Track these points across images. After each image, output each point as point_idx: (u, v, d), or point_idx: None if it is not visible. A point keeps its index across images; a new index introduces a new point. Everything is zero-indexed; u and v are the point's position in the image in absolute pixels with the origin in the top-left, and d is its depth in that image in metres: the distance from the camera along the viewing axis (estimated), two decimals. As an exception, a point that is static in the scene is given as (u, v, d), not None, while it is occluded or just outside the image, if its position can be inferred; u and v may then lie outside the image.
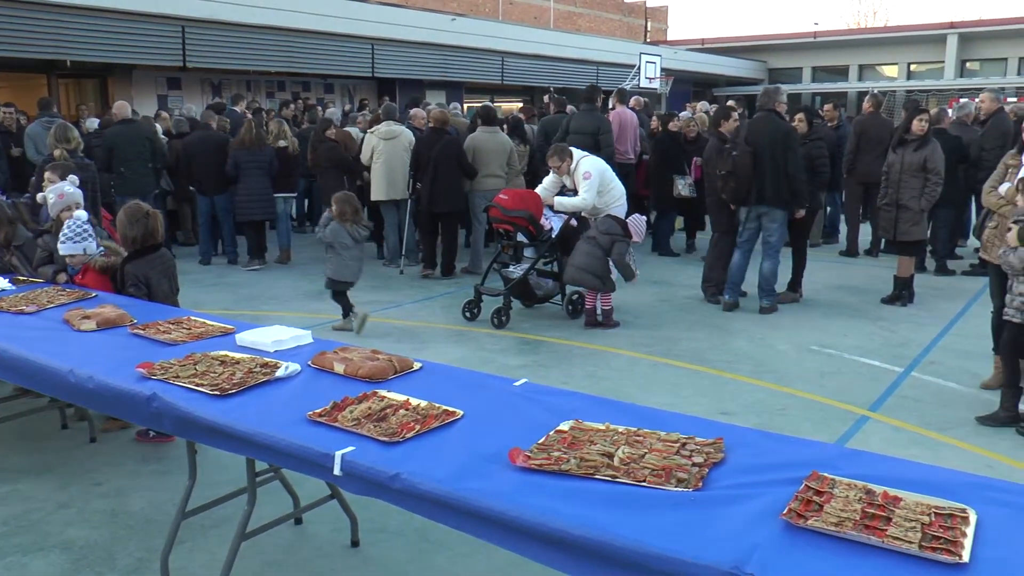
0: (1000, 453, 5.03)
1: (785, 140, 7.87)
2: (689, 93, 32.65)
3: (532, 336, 7.51)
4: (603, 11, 43.04)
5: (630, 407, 3.03)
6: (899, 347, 7.20)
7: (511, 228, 7.80)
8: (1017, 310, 5.19)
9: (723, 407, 5.73)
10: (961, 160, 9.80)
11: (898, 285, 8.72)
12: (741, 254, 8.38)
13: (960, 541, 2.00)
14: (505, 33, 25.63)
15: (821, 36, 39.38)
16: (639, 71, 23.76)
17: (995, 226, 5.83)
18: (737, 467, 2.45)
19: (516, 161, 10.13)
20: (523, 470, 2.44)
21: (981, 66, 36.13)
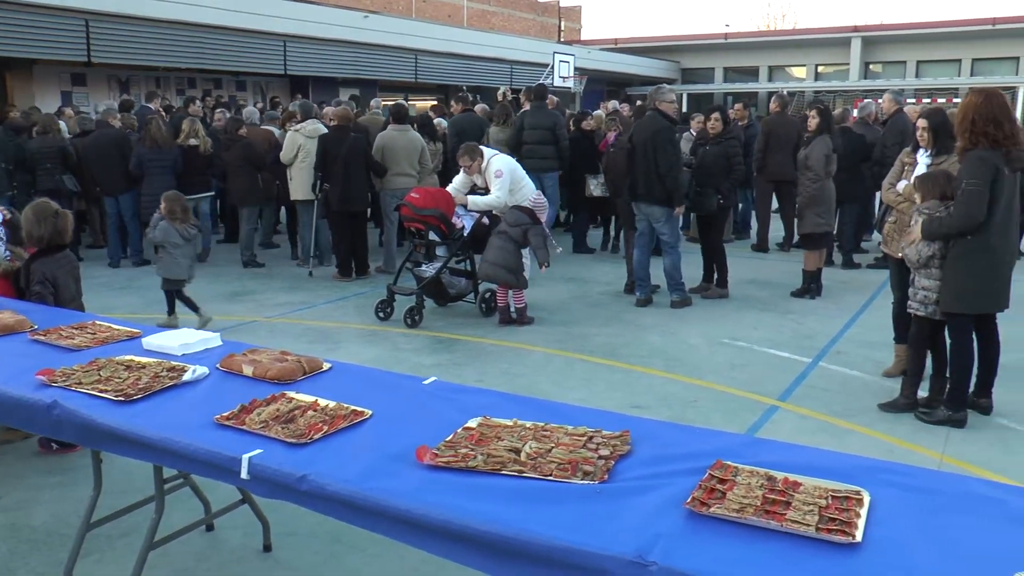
0: (900, 438, 5.24)
1: (656, 137, 8.02)
2: (603, 92, 33.02)
3: (446, 335, 7.52)
4: (517, 10, 43.26)
5: (538, 403, 3.07)
6: (807, 339, 7.42)
7: (423, 227, 7.79)
8: (920, 303, 5.41)
9: (636, 401, 5.83)
10: (864, 158, 10.16)
11: (806, 279, 8.99)
12: (639, 250, 8.56)
13: (854, 522, 2.09)
14: (418, 31, 25.55)
15: (732, 37, 40.33)
16: (553, 70, 23.95)
17: (894, 221, 6.06)
18: (643, 459, 2.50)
19: (428, 159, 10.11)
20: (430, 468, 2.45)
21: (883, 68, 37.55)
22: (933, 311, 5.34)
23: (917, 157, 5.98)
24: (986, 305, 5.27)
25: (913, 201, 5.65)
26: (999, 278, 5.21)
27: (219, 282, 9.67)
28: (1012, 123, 5.04)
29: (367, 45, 23.30)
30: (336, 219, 9.71)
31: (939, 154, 5.77)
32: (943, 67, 36.19)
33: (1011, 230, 5.22)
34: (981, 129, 4.98)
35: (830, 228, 9.02)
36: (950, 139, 5.67)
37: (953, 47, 35.72)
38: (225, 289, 9.29)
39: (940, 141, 5.78)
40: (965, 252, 5.10)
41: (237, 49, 19.65)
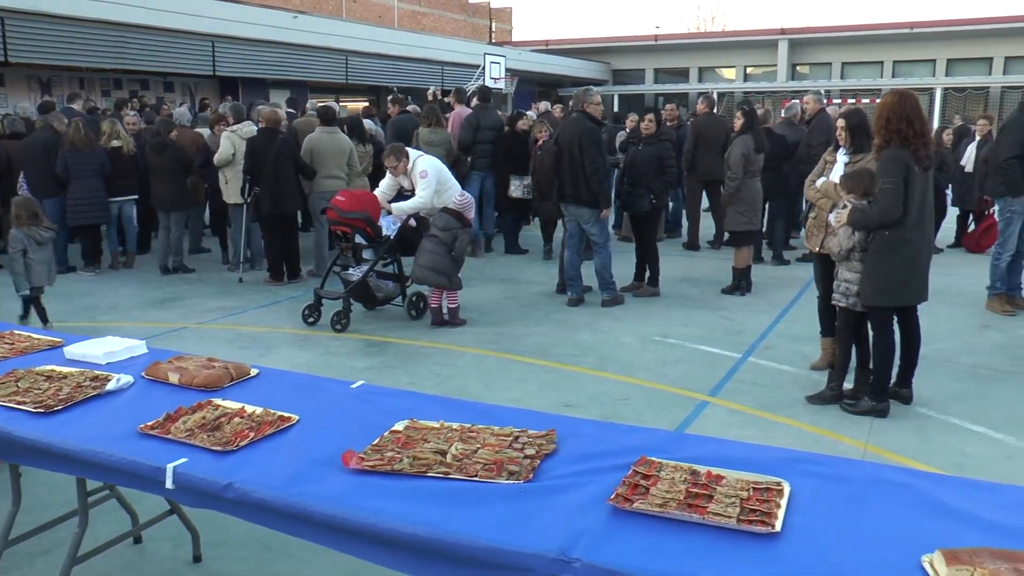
0: (826, 428, 5.38)
1: (582, 139, 8.11)
2: (534, 93, 33.16)
3: (378, 337, 7.49)
4: (447, 11, 43.16)
5: (465, 404, 3.09)
6: (737, 334, 7.57)
7: (349, 230, 7.74)
8: (843, 295, 5.57)
9: (567, 400, 5.87)
10: (786, 157, 10.39)
11: (736, 276, 9.16)
12: (569, 251, 8.64)
13: (774, 512, 2.16)
14: (349, 32, 25.33)
15: (662, 39, 40.81)
16: (484, 71, 23.97)
17: (815, 217, 6.23)
18: (569, 457, 2.53)
19: (356, 162, 10.04)
20: (356, 472, 2.45)
21: (810, 69, 38.44)
22: (855, 302, 5.51)
23: (837, 156, 6.16)
24: (905, 298, 5.45)
25: (831, 197, 5.83)
26: (916, 272, 5.39)
27: (147, 288, 9.48)
28: (923, 123, 5.26)
29: (297, 46, 23.03)
30: (267, 222, 9.58)
31: (857, 152, 5.95)
32: (866, 68, 37.21)
33: (926, 225, 5.41)
34: (895, 127, 5.18)
35: (754, 226, 9.20)
36: (867, 138, 5.87)
37: (875, 49, 36.76)
38: (153, 295, 9.11)
39: (857, 140, 5.96)
40: (883, 247, 5.27)
41: (164, 49, 19.22)
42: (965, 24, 34.89)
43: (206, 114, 13.36)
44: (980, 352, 7.08)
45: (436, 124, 11.05)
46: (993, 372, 6.57)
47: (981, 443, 5.21)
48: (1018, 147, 7.96)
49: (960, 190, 12.03)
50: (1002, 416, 5.61)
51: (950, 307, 8.49)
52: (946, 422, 5.52)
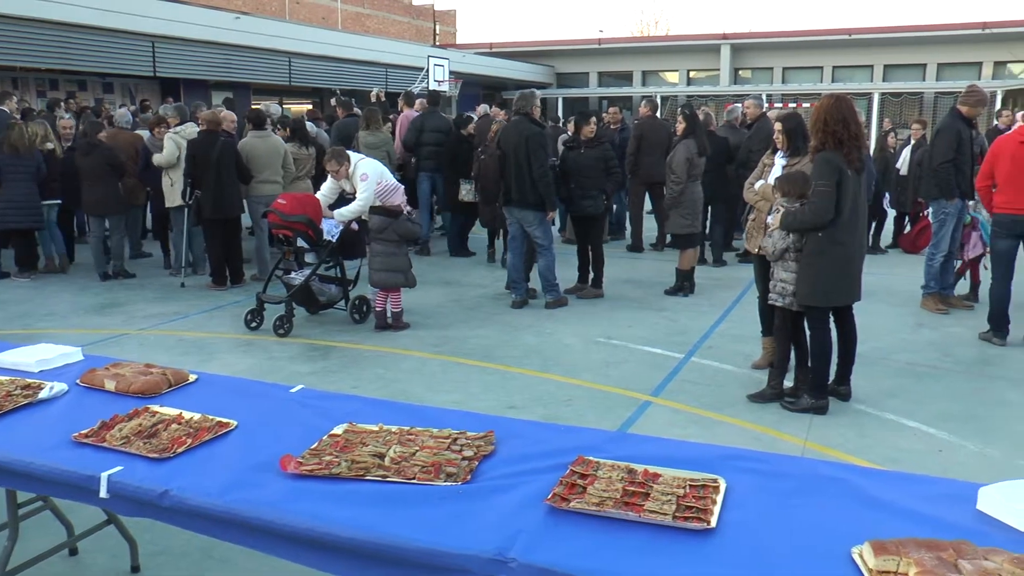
0: (766, 426, 5.47)
1: (528, 143, 8.16)
2: (479, 96, 33.20)
3: (321, 342, 7.43)
4: (392, 13, 43.02)
5: (404, 407, 3.09)
6: (680, 335, 7.64)
7: (291, 233, 7.67)
8: (779, 294, 5.67)
9: (510, 401, 5.89)
10: (728, 160, 10.54)
11: (680, 277, 9.26)
12: (512, 253, 8.68)
13: (710, 509, 2.20)
14: (292, 33, 25.13)
15: (606, 43, 41.18)
16: (428, 74, 23.93)
17: (754, 219, 6.34)
18: (507, 458, 2.55)
19: (291, 164, 9.91)
20: (295, 477, 2.44)
21: (752, 74, 39.09)
22: (791, 302, 5.61)
23: (775, 159, 6.27)
24: (839, 298, 5.57)
25: (769, 200, 5.94)
26: (850, 272, 5.51)
27: (85, 294, 9.29)
28: (857, 125, 5.40)
29: (239, 47, 22.77)
30: (209, 226, 9.44)
31: (794, 155, 6.06)
32: (807, 73, 37.99)
33: (859, 226, 5.54)
34: (831, 128, 5.30)
35: (696, 229, 9.32)
36: (803, 141, 5.99)
37: (815, 55, 37.58)
38: (92, 301, 8.93)
39: (794, 143, 6.08)
40: (818, 248, 5.38)
41: (102, 49, 18.85)
42: (901, 31, 35.89)
43: (148, 115, 13.11)
44: (915, 350, 7.25)
45: (376, 126, 10.98)
46: (927, 369, 6.73)
47: (915, 438, 5.34)
48: (951, 151, 8.18)
49: (896, 193, 12.30)
50: (935, 411, 5.75)
51: (887, 306, 8.69)
52: (882, 418, 5.65)
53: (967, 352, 7.20)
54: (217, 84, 22.91)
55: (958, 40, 35.01)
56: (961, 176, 8.22)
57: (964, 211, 8.50)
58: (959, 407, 5.86)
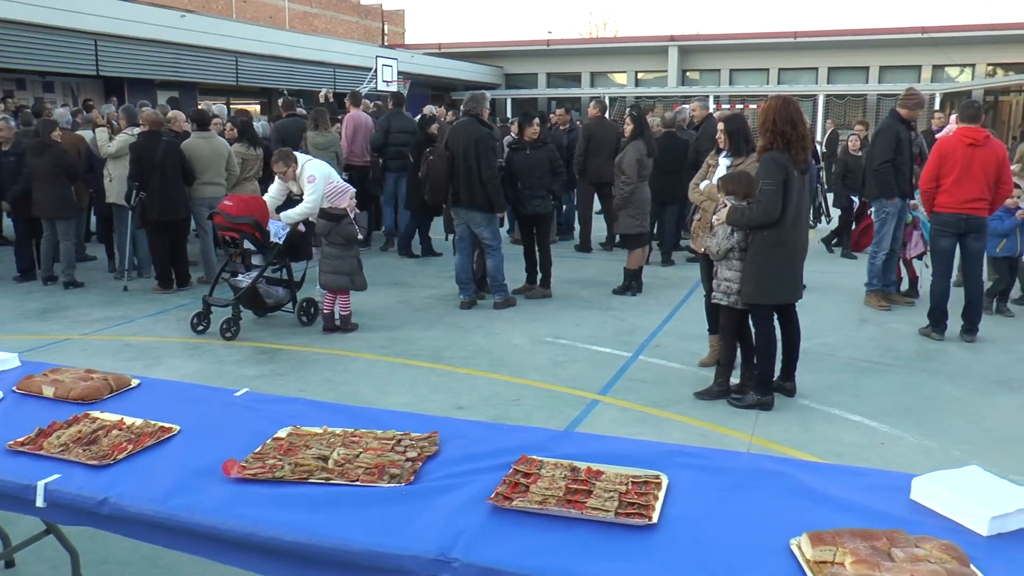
0: (713, 423, 5.54)
1: (477, 145, 8.18)
2: (427, 97, 33.14)
3: (269, 345, 7.36)
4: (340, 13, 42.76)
5: (348, 408, 3.08)
6: (628, 334, 7.70)
7: (237, 235, 7.58)
8: (723, 293, 5.75)
9: (459, 402, 5.89)
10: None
11: (628, 276, 9.33)
12: (460, 254, 8.68)
13: (652, 505, 2.22)
14: (239, 32, 24.85)
15: (555, 44, 41.37)
16: (376, 74, 23.81)
17: (699, 218, 6.42)
18: (451, 458, 2.55)
19: (235, 166, 9.77)
20: (237, 481, 2.42)
21: (700, 76, 39.55)
22: (735, 301, 5.69)
23: (719, 159, 6.36)
24: (783, 296, 5.66)
25: (713, 199, 6.02)
26: (793, 270, 5.62)
27: (27, 299, 9.08)
28: (804, 126, 5.50)
29: (185, 46, 22.44)
30: (154, 228, 9.28)
31: (736, 155, 6.15)
32: (753, 75, 38.57)
33: (802, 226, 5.64)
34: (780, 129, 5.39)
35: (645, 229, 9.40)
36: (745, 141, 6.10)
37: (761, 57, 38.18)
38: (33, 306, 8.73)
39: (736, 143, 6.17)
40: (762, 247, 5.47)
41: (43, 47, 18.43)
42: (845, 35, 36.66)
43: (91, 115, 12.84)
44: (858, 345, 7.39)
45: (324, 127, 10.90)
46: (870, 364, 6.87)
47: (858, 431, 5.45)
48: (890, 152, 8.38)
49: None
50: (877, 405, 5.88)
51: (831, 303, 8.84)
52: (826, 413, 5.75)
53: (908, 347, 7.36)
54: (163, 84, 22.55)
55: (898, 44, 35.87)
56: (900, 176, 8.41)
57: (905, 210, 8.69)
58: (900, 401, 6.00)
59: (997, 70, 35.54)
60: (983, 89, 34.02)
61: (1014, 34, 33.94)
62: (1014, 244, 8.22)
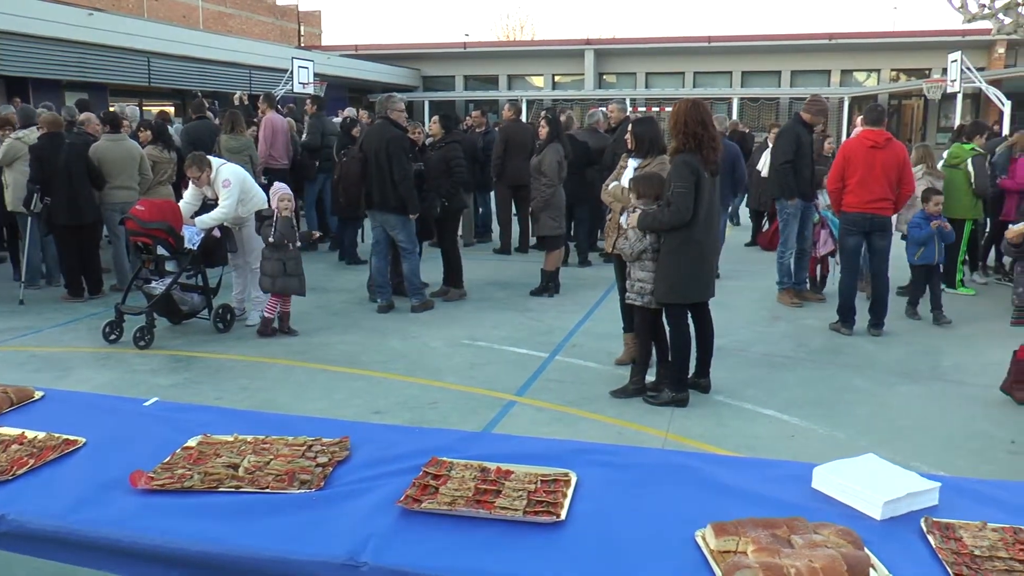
0: (629, 420, 5.62)
1: (388, 146, 8.16)
2: (345, 99, 32.86)
3: (185, 353, 7.21)
4: (255, 13, 42.12)
5: (260, 415, 3.06)
6: (545, 335, 7.75)
7: (150, 241, 7.41)
8: (637, 293, 5.84)
9: (376, 406, 5.86)
10: (589, 163, 10.74)
11: (545, 278, 9.39)
12: (376, 257, 8.64)
13: (560, 502, 2.26)
14: (150, 32, 24.24)
15: (472, 47, 41.43)
16: (292, 76, 23.52)
17: (611, 219, 6.51)
18: (362, 462, 2.55)
19: (148, 169, 9.54)
20: (145, 492, 2.37)
21: (617, 79, 40.04)
22: (649, 300, 5.79)
23: (629, 161, 6.46)
24: (696, 295, 5.78)
25: (622, 201, 6.11)
26: (705, 270, 5.75)
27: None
28: (714, 127, 5.64)
29: (93, 45, 21.79)
30: (62, 234, 8.98)
31: (646, 156, 6.26)
32: (669, 79, 39.24)
33: (714, 226, 5.77)
34: (691, 130, 5.51)
35: (562, 230, 9.49)
36: (654, 144, 6.21)
37: (676, 61, 38.89)
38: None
39: (645, 145, 6.28)
40: (675, 247, 5.58)
41: (-63, 45, 17.77)
42: (757, 40, 37.63)
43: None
44: (771, 341, 7.59)
45: (238, 130, 10.70)
46: (782, 359, 7.06)
47: (770, 425, 5.60)
48: (789, 153, 8.66)
49: (755, 192, 12.81)
50: (788, 399, 6.04)
51: (745, 301, 9.05)
52: (740, 407, 5.89)
53: (818, 342, 7.58)
54: (70, 84, 21.86)
55: (808, 49, 36.97)
56: (799, 177, 8.66)
57: (810, 211, 8.94)
58: (810, 394, 6.18)
59: (900, 75, 36.88)
60: (888, 93, 35.31)
61: (915, 41, 35.32)
62: (932, 252, 8.25)
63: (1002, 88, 25.62)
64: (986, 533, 2.16)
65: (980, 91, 25.36)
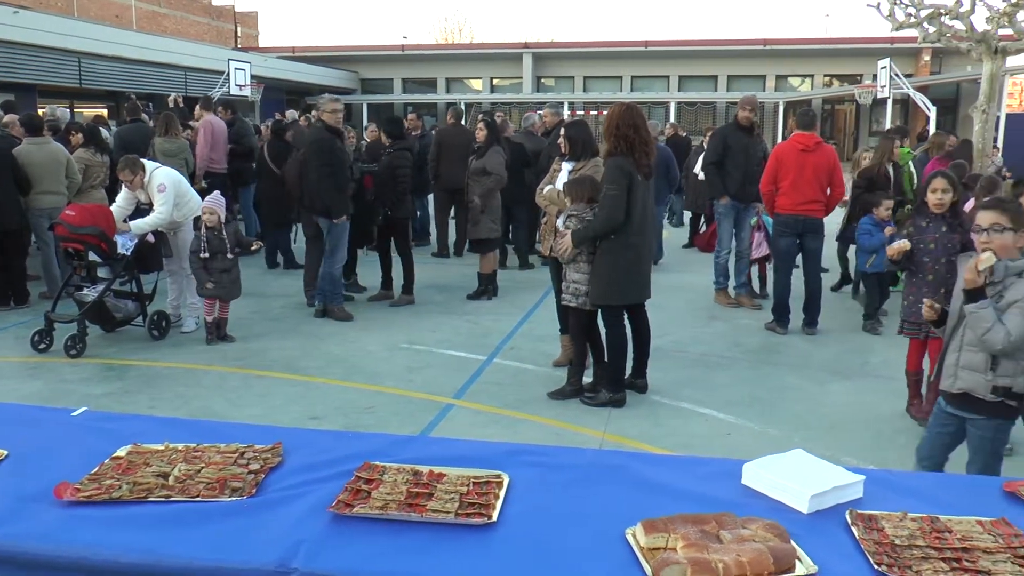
0: (567, 421, 5.67)
1: (310, 148, 8.16)
2: (282, 101, 32.53)
3: (118, 361, 7.06)
4: (190, 13, 41.48)
5: (192, 423, 3.01)
6: (483, 337, 7.77)
7: (81, 247, 7.24)
8: (572, 295, 5.89)
9: (313, 412, 5.82)
10: (525, 164, 10.78)
11: (482, 281, 9.40)
12: (308, 256, 8.60)
13: (492, 504, 2.27)
14: (81, 32, 23.66)
15: (410, 49, 41.30)
16: (229, 78, 23.21)
17: (546, 222, 6.56)
18: (294, 468, 2.53)
19: (75, 173, 9.28)
20: (71, 504, 2.31)
21: (555, 82, 40.25)
22: (584, 302, 5.85)
23: (563, 164, 6.51)
24: (632, 296, 5.86)
25: (556, 204, 6.16)
26: (640, 271, 5.82)
27: None
28: (646, 132, 5.71)
29: (20, 44, 21.17)
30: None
31: (579, 160, 6.32)
32: (607, 83, 39.60)
33: (648, 229, 5.85)
34: (624, 133, 5.59)
35: (498, 233, 9.53)
36: (587, 147, 6.27)
37: (614, 65, 39.23)
38: None
39: (578, 149, 6.34)
40: (610, 250, 5.64)
41: None
42: (694, 45, 38.15)
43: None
44: (707, 341, 7.71)
45: (173, 133, 10.51)
46: (718, 359, 7.18)
47: (706, 423, 5.70)
48: (714, 155, 8.88)
49: (693, 195, 12.99)
50: (724, 398, 6.15)
51: (683, 302, 9.17)
52: (677, 407, 5.98)
53: (754, 341, 7.73)
54: (-4, 84, 21.29)
55: (744, 54, 37.65)
56: (729, 179, 8.83)
57: (748, 212, 9.05)
58: (746, 392, 6.31)
59: (833, 80, 37.73)
60: (821, 98, 36.10)
61: (847, 48, 36.19)
62: (882, 260, 7.91)
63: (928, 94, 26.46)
64: (906, 523, 2.23)
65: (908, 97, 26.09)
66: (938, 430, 3.87)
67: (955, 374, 3.68)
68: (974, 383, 3.61)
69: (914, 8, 17.79)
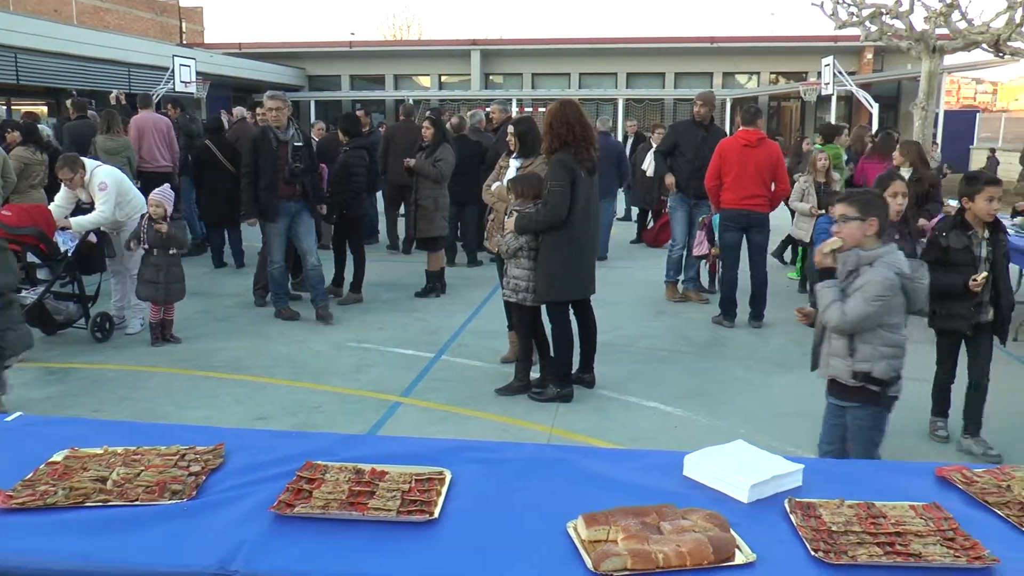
0: (514, 417, 5.69)
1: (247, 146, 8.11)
2: (228, 98, 32.11)
3: (60, 364, 6.91)
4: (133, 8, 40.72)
5: (131, 425, 2.97)
6: (431, 335, 7.75)
7: (19, 248, 7.07)
8: (512, 291, 5.91)
9: (260, 412, 5.77)
10: (481, 162, 10.77)
11: (430, 278, 9.38)
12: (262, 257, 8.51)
13: (434, 500, 2.28)
14: (18, 26, 23.05)
15: (357, 46, 41.03)
16: (174, 74, 22.86)
17: (493, 219, 6.57)
18: (236, 469, 2.51)
19: (11, 173, 9.04)
20: (3, 512, 2.26)
21: (503, 79, 40.26)
22: (524, 297, 5.87)
23: (510, 161, 6.52)
24: (576, 292, 5.89)
25: (504, 201, 6.18)
26: (584, 267, 5.86)
27: None
28: (584, 127, 5.71)
29: (-47, 40, 20.69)
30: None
31: (527, 157, 6.34)
32: (555, 80, 39.71)
33: (592, 225, 5.88)
34: (557, 131, 5.64)
35: (446, 231, 9.55)
36: (534, 144, 6.29)
37: (562, 62, 39.35)
38: None
39: (525, 145, 6.36)
40: (553, 246, 5.67)
41: None
42: (641, 42, 38.45)
43: None
44: (655, 336, 7.79)
45: (114, 131, 10.30)
46: (666, 353, 7.25)
47: (654, 417, 5.76)
48: (667, 144, 9.08)
49: (641, 191, 13.09)
50: (671, 391, 6.22)
51: (631, 297, 9.24)
52: (624, 401, 6.03)
53: (701, 335, 7.82)
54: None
55: (691, 52, 38.03)
56: (677, 172, 8.92)
57: (699, 209, 9.08)
58: (693, 386, 6.38)
59: (779, 78, 38.27)
60: (768, 95, 36.61)
61: (792, 46, 36.72)
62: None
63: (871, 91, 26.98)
64: (843, 510, 2.28)
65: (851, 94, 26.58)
66: (832, 422, 4.02)
67: (827, 362, 3.86)
68: (838, 369, 3.79)
69: (856, 7, 18.14)
